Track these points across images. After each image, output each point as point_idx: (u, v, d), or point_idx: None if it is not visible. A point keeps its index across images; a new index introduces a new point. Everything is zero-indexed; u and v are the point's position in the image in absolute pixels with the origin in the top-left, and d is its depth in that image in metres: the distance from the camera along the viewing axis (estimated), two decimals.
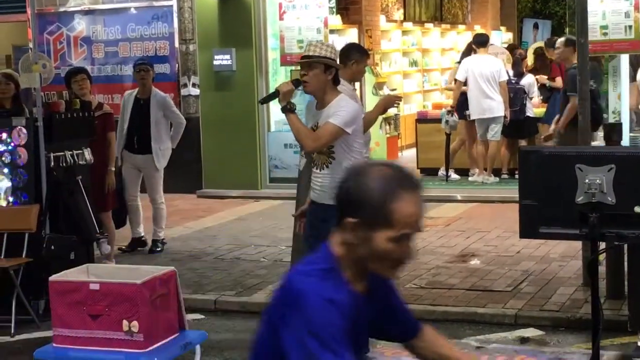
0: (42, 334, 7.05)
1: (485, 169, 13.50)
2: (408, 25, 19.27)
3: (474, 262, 8.88)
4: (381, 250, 2.57)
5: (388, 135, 16.26)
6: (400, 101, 8.78)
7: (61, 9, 14.38)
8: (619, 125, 8.58)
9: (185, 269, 8.91)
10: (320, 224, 5.92)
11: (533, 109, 13.67)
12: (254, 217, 11.86)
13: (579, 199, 4.42)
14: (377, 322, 2.85)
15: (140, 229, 9.99)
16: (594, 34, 10.83)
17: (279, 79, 13.77)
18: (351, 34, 15.94)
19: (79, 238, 7.93)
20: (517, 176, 6.77)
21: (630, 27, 11.07)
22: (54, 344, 5.19)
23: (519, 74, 13.72)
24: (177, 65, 13.69)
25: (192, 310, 7.64)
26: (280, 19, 12.97)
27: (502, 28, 23.49)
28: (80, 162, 8.23)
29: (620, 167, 4.37)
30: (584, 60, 7.77)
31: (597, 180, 4.37)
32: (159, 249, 9.86)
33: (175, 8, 13.66)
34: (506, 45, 19.51)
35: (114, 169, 9.16)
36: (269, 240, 10.22)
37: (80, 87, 9.05)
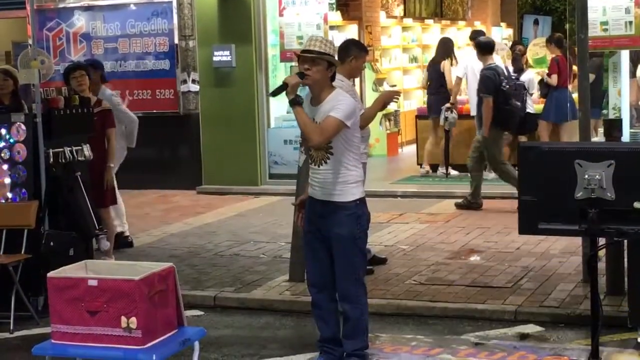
0: (41, 330, 7.05)
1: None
2: (408, 21, 19.26)
3: (474, 258, 8.86)
4: None
5: (388, 132, 16.26)
6: (399, 96, 8.77)
7: (61, 5, 14.36)
8: (618, 122, 8.56)
9: (184, 265, 8.90)
10: (318, 220, 5.93)
11: (533, 105, 13.65)
12: (254, 213, 11.86)
13: (578, 194, 4.41)
14: None
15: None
16: (594, 30, 10.82)
17: (279, 75, 13.76)
18: (351, 30, 15.93)
19: (78, 234, 7.92)
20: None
21: (630, 23, 11.05)
22: (53, 340, 5.17)
23: (519, 70, 13.69)
24: (176, 62, 13.67)
25: (191, 307, 7.63)
26: (280, 15, 12.96)
27: (503, 24, 23.47)
28: (80, 159, 8.21)
29: (619, 163, 4.36)
30: (583, 57, 7.74)
31: (597, 176, 4.37)
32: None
33: (174, 4, 13.65)
34: (507, 41, 19.53)
35: (113, 165, 9.15)
36: (268, 237, 10.20)
37: (79, 83, 9.03)
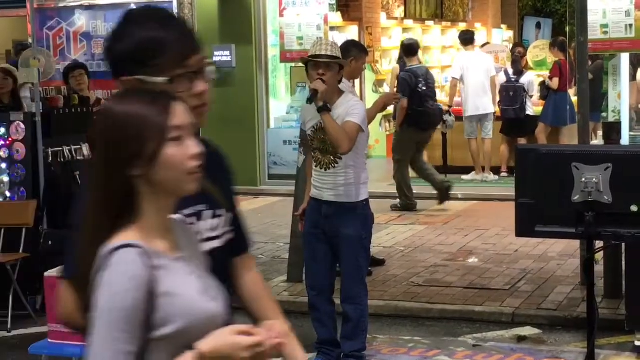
0: (39, 329, 7.04)
1: (483, 168, 13.51)
2: (408, 22, 19.25)
3: (472, 260, 8.87)
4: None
5: (388, 133, 16.24)
6: (399, 99, 8.78)
7: (61, 4, 14.35)
8: (618, 124, 8.57)
9: None
10: (324, 221, 5.92)
11: (533, 108, 13.66)
12: (253, 213, 11.84)
13: (576, 197, 4.41)
14: None
15: None
16: (595, 33, 10.82)
17: (279, 76, 13.78)
18: (351, 31, 15.92)
19: None
20: None
21: (630, 25, 11.05)
22: (49, 340, 5.18)
23: (519, 72, 13.70)
24: None
25: None
26: (281, 15, 12.94)
27: (503, 26, 23.47)
28: (78, 158, 8.23)
29: (616, 166, 4.36)
30: (583, 59, 7.75)
31: (594, 179, 4.37)
32: None
33: (175, 4, 13.60)
34: (508, 43, 19.53)
35: None
36: (267, 237, 10.21)
37: (78, 82, 9.04)
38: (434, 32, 19.98)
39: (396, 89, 13.86)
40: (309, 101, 5.87)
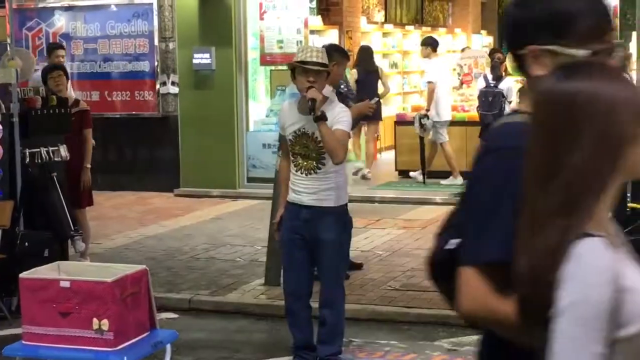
0: (14, 331, 7.00)
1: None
2: (389, 27, 19.30)
3: None
4: None
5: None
6: (373, 108, 8.79)
7: (41, 5, 14.31)
8: None
9: (160, 268, 8.89)
10: (303, 225, 5.89)
11: None
12: (231, 216, 11.85)
13: None
14: None
15: None
16: None
17: (259, 79, 13.77)
18: (331, 35, 15.94)
19: (53, 235, 7.89)
20: None
21: None
22: (24, 341, 5.16)
23: (498, 78, 13.76)
24: (156, 63, 13.65)
25: (166, 309, 7.62)
26: (261, 18, 12.96)
27: (483, 32, 23.56)
28: (56, 159, 8.20)
29: None
30: None
31: None
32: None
33: (155, 6, 13.62)
34: (487, 49, 19.60)
35: (89, 166, 9.12)
36: (245, 240, 10.20)
37: (57, 83, 9.00)
38: (413, 37, 20.03)
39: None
40: (310, 111, 5.72)
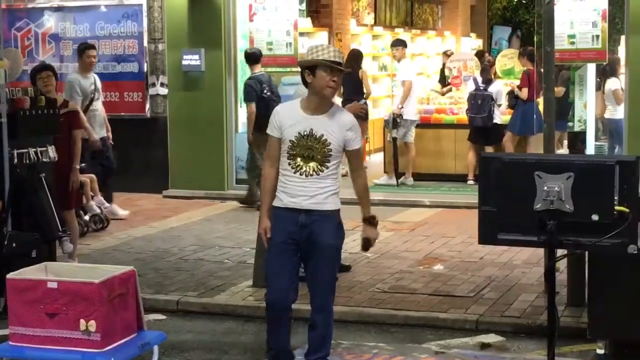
0: (0, 332, 6.99)
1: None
2: (378, 29, 19.32)
3: (437, 267, 8.90)
4: None
5: None
6: (364, 110, 8.80)
7: (30, 5, 14.29)
8: (583, 134, 8.67)
9: (148, 269, 8.88)
10: (298, 230, 5.79)
11: (501, 116, 13.75)
12: (220, 218, 11.84)
13: (538, 205, 4.45)
14: None
15: None
16: (562, 43, 10.93)
17: None
18: (321, 37, 15.96)
19: (41, 236, 7.87)
20: None
21: (597, 36, 11.18)
22: (10, 342, 5.14)
23: (487, 81, 13.79)
24: (145, 65, 13.64)
25: (154, 311, 7.61)
26: (250, 20, 12.97)
27: (472, 35, 23.62)
28: (44, 160, 8.17)
29: (578, 175, 4.41)
30: (549, 69, 7.81)
31: (556, 188, 4.41)
32: None
33: (144, 7, 13.62)
34: (475, 51, 19.64)
35: (78, 167, 9.10)
36: (233, 242, 10.20)
37: (45, 84, 8.99)
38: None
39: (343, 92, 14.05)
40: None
